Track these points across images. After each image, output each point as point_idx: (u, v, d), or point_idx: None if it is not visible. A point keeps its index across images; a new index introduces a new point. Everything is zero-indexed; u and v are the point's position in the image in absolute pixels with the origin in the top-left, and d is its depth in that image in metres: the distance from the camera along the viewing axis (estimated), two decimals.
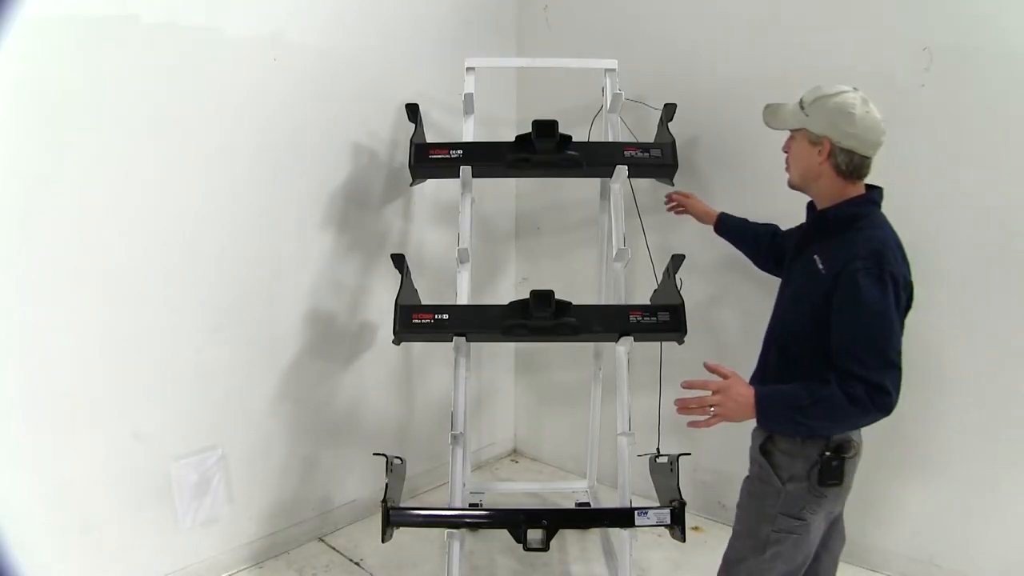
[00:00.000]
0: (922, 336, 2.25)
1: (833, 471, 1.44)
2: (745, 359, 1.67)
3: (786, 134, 1.55)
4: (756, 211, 2.57)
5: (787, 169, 1.55)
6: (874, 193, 1.50)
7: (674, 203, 2.40)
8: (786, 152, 1.54)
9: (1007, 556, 2.19)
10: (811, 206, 1.58)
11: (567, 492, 3.01)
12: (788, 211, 2.47)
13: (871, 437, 2.39)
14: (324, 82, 2.51)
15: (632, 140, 2.52)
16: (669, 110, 2.49)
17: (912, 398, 2.32)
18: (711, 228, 2.29)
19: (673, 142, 2.39)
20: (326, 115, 2.53)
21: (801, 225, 1.67)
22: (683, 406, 1.42)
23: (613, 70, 2.48)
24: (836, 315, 1.37)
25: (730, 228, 2.19)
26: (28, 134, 1.87)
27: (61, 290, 1.96)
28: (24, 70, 1.83)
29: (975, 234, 2.16)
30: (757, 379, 1.60)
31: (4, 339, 1.88)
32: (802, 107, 1.46)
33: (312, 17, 2.45)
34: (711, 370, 1.46)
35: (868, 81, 2.26)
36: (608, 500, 2.68)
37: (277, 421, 2.54)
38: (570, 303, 2.06)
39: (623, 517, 1.99)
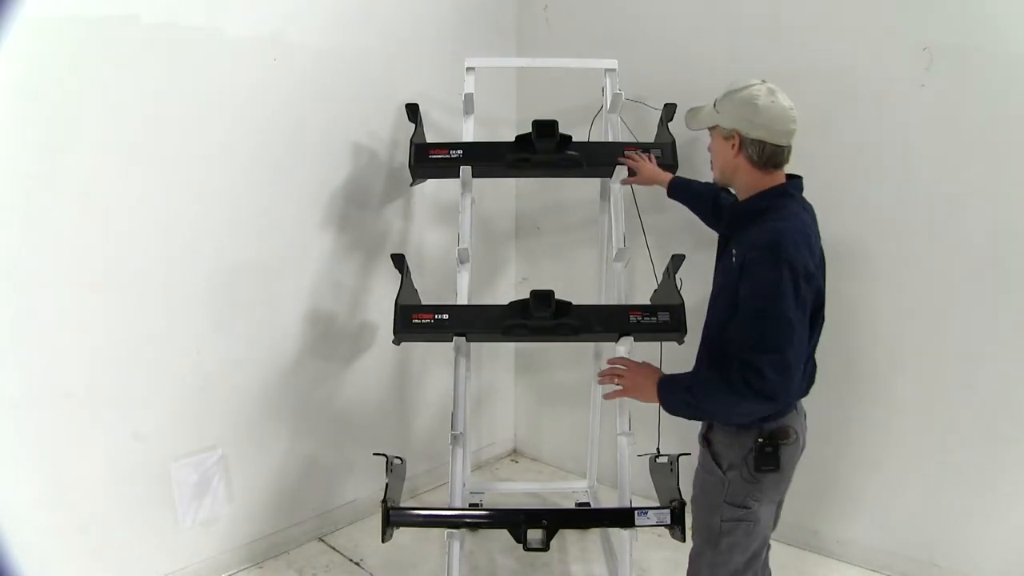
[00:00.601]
0: (916, 336, 2.27)
1: (767, 458, 1.45)
2: None
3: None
4: None
5: (712, 167, 1.60)
6: (789, 184, 1.50)
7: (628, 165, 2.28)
8: (709, 151, 1.60)
9: (1007, 556, 2.19)
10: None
11: (567, 492, 3.01)
12: None
13: (872, 436, 2.41)
14: (324, 82, 2.51)
15: (632, 140, 2.53)
16: (669, 110, 2.49)
17: (912, 398, 2.34)
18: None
19: (673, 142, 2.39)
20: (326, 115, 2.53)
21: None
22: (602, 375, 1.61)
23: (613, 70, 2.48)
24: (740, 305, 1.40)
25: (683, 192, 2.18)
26: (28, 134, 1.87)
27: (61, 290, 1.96)
28: (24, 70, 1.83)
29: (975, 234, 2.16)
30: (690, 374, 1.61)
31: (4, 339, 1.88)
32: (713, 105, 1.52)
33: (312, 17, 2.45)
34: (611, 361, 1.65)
35: (868, 81, 2.29)
36: (608, 500, 2.68)
37: (277, 421, 2.54)
38: (570, 303, 2.06)
39: (623, 517, 1.99)
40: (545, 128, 2.21)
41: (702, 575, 1.59)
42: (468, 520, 2.24)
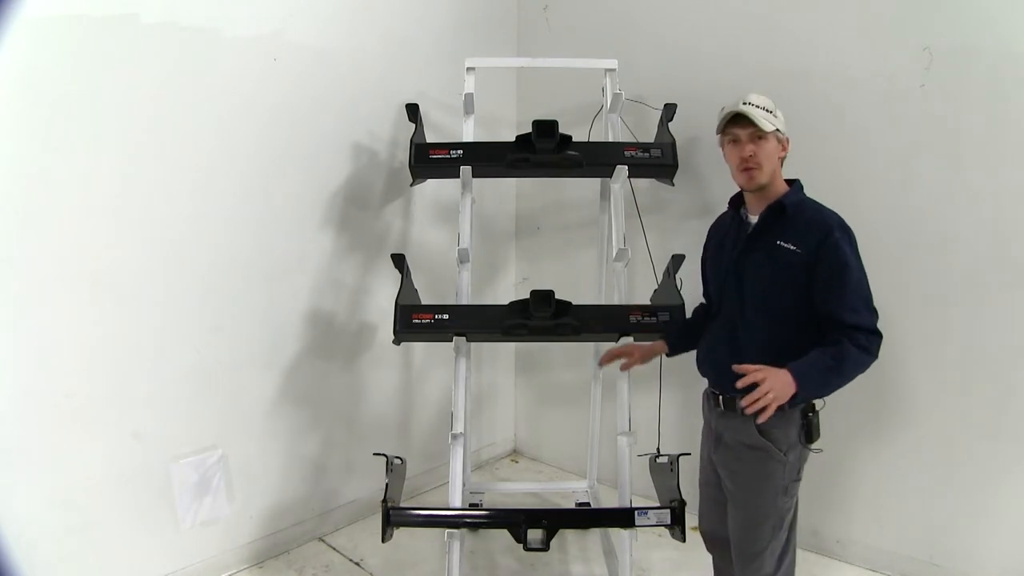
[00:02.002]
0: (917, 335, 2.27)
1: (816, 427, 1.61)
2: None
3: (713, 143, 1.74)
4: None
5: (752, 172, 1.62)
6: (798, 180, 1.70)
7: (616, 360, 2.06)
8: (750, 155, 1.61)
9: (1007, 555, 2.19)
10: (737, 209, 1.74)
11: (567, 492, 3.01)
12: None
13: (871, 436, 2.41)
14: (324, 82, 2.51)
15: (632, 140, 2.53)
16: (669, 110, 2.49)
17: (912, 397, 2.34)
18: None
19: (673, 142, 2.39)
20: (326, 115, 2.53)
21: (719, 231, 1.83)
22: (750, 403, 1.50)
23: (613, 70, 2.48)
24: (824, 282, 1.53)
25: (682, 340, 1.98)
26: (28, 134, 1.87)
27: (61, 290, 1.96)
28: (24, 70, 1.83)
29: (975, 234, 2.16)
30: (731, 360, 1.60)
31: (5, 339, 1.88)
32: (771, 112, 1.63)
33: (312, 17, 2.45)
34: (742, 371, 1.54)
35: (868, 81, 2.29)
36: (608, 500, 2.68)
37: (277, 421, 2.54)
38: (570, 303, 2.06)
39: (623, 517, 1.99)
40: (545, 128, 2.21)
41: (778, 562, 1.66)
42: (468, 520, 2.24)
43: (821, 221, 1.57)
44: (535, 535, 1.97)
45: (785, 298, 1.59)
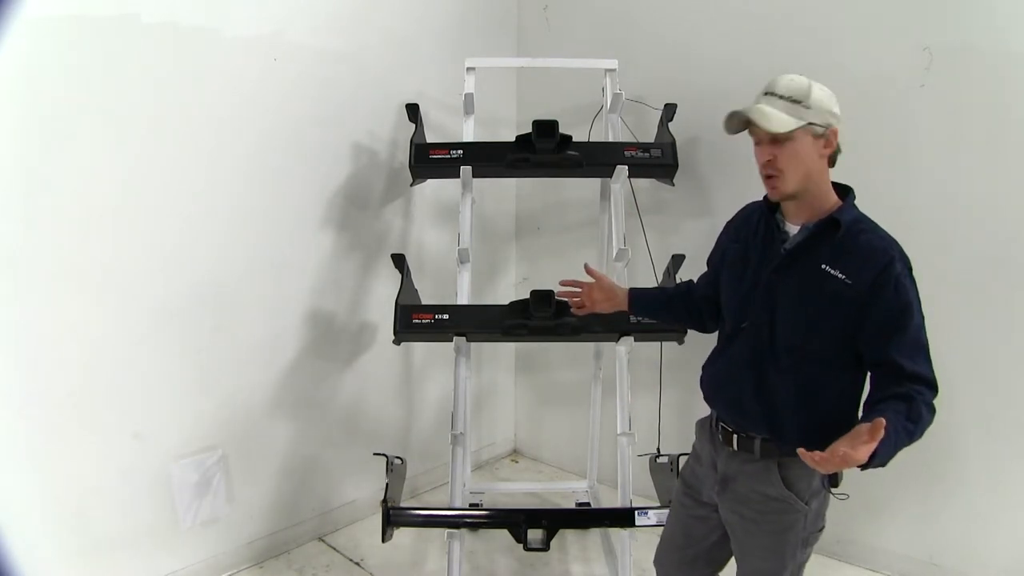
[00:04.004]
0: None
1: (838, 472, 1.39)
2: None
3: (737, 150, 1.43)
4: None
5: (775, 182, 1.33)
6: (849, 189, 1.42)
7: (571, 297, 1.77)
8: (769, 160, 1.32)
9: (1007, 555, 2.19)
10: (772, 214, 1.42)
11: (567, 492, 3.01)
12: None
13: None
14: (324, 82, 2.51)
15: (632, 140, 2.53)
16: (669, 110, 2.49)
17: None
18: (710, 228, 2.29)
19: (673, 142, 2.39)
20: (326, 115, 2.53)
21: (743, 231, 1.51)
22: (816, 458, 1.19)
23: (613, 70, 2.48)
24: (881, 325, 1.27)
25: (648, 309, 1.79)
26: (28, 134, 1.87)
27: (62, 290, 1.96)
28: (24, 70, 1.83)
29: (975, 234, 2.16)
30: (760, 412, 1.38)
31: (5, 339, 1.88)
32: (797, 103, 1.31)
33: (312, 17, 2.44)
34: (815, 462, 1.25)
35: (868, 81, 2.29)
36: (608, 500, 2.68)
37: (277, 421, 2.54)
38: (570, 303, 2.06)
39: (623, 517, 1.99)
40: (545, 128, 2.21)
41: None
42: (468, 520, 2.24)
43: (880, 249, 1.29)
44: (535, 535, 1.97)
45: (827, 336, 1.32)
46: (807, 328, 1.34)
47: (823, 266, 1.31)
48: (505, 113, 3.21)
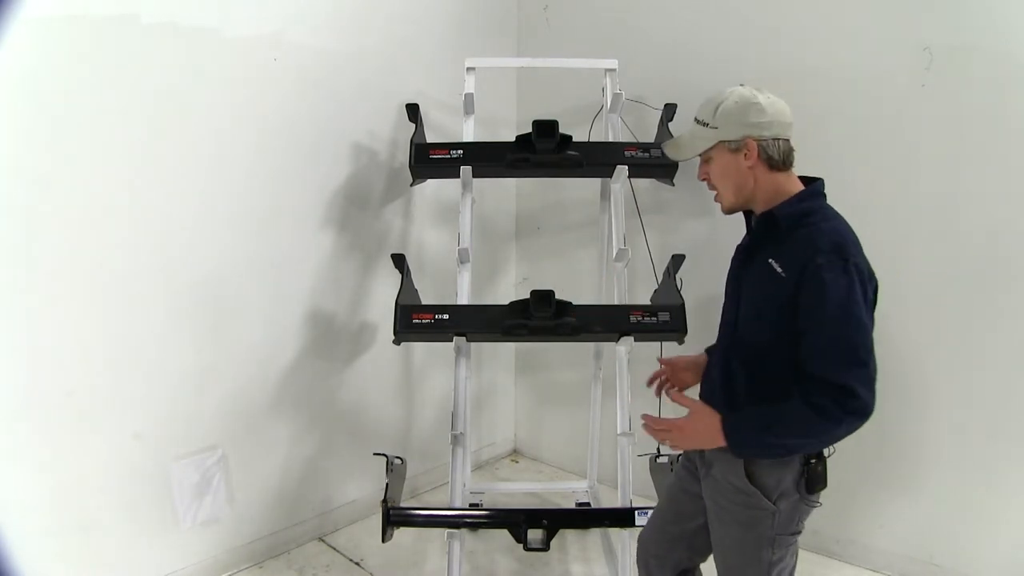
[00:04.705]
0: (917, 335, 2.27)
1: (820, 476, 1.36)
2: None
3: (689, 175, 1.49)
4: None
5: (716, 198, 1.44)
6: (817, 184, 1.40)
7: (660, 382, 1.80)
8: (705, 180, 1.43)
9: (1007, 555, 2.19)
10: (749, 214, 1.47)
11: (567, 492, 3.01)
12: None
13: (871, 435, 2.40)
14: (324, 82, 2.51)
15: (632, 140, 2.53)
16: (669, 110, 2.49)
17: (911, 397, 2.34)
18: (710, 228, 2.29)
19: None
20: (326, 115, 2.53)
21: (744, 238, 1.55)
22: (649, 427, 1.41)
23: (613, 70, 2.48)
24: (803, 319, 1.26)
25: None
26: (28, 135, 1.87)
27: (62, 290, 1.96)
28: (24, 70, 1.83)
29: (975, 233, 2.16)
30: (723, 400, 1.43)
31: (5, 339, 1.88)
32: (705, 124, 1.38)
33: (312, 17, 2.44)
34: (675, 399, 1.44)
35: (868, 81, 2.29)
36: (608, 500, 2.68)
37: (277, 421, 2.54)
38: (570, 303, 2.06)
39: (623, 517, 1.99)
40: (545, 128, 2.21)
41: None
42: (468, 520, 2.24)
43: (810, 241, 1.27)
44: (535, 535, 1.97)
45: (763, 330, 1.35)
46: (756, 320, 1.38)
47: (769, 260, 1.33)
48: (505, 113, 3.21)
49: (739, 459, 1.37)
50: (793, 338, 1.28)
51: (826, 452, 1.38)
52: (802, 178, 1.42)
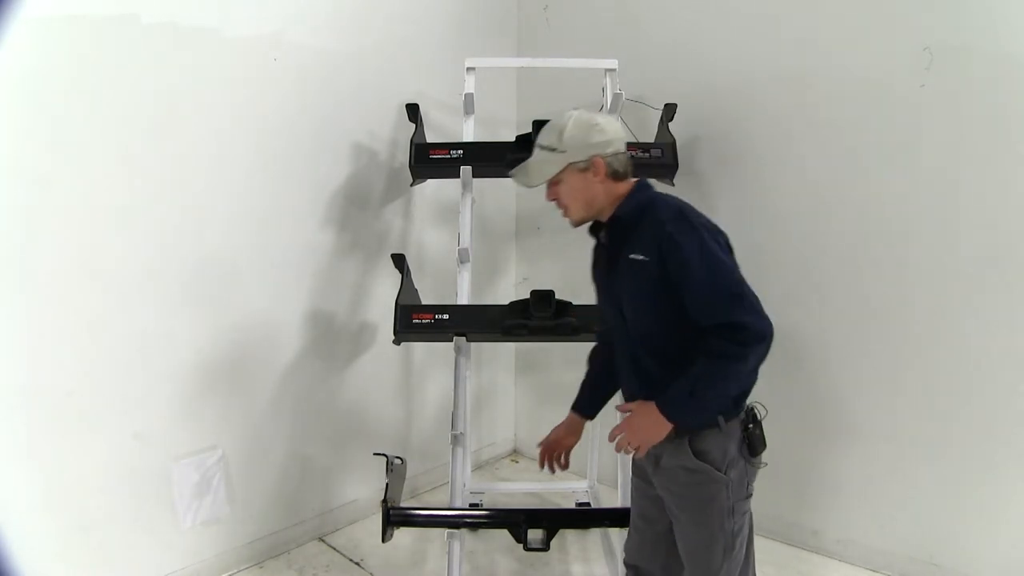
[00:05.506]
0: (924, 333, 2.27)
1: (759, 438, 1.48)
2: None
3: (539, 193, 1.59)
4: (757, 210, 2.57)
5: (565, 214, 1.55)
6: (642, 181, 1.54)
7: (550, 460, 1.98)
8: (554, 200, 1.55)
9: (1007, 555, 2.19)
10: (596, 225, 1.58)
11: (567, 492, 3.01)
12: (789, 208, 2.49)
13: (871, 436, 2.40)
14: (324, 82, 2.51)
15: (632, 140, 2.52)
16: (669, 110, 2.49)
17: (910, 397, 2.34)
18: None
19: (673, 142, 2.39)
20: (326, 115, 2.53)
21: (594, 260, 1.66)
22: (618, 445, 1.49)
23: (613, 70, 2.48)
24: (677, 283, 1.37)
25: (596, 398, 1.97)
26: (28, 134, 1.87)
27: (62, 290, 1.96)
28: (24, 70, 1.83)
29: (975, 233, 2.16)
30: (647, 394, 1.48)
31: (5, 339, 1.88)
32: (553, 149, 1.49)
33: (312, 17, 2.45)
34: (621, 411, 1.53)
35: (868, 81, 2.29)
36: (608, 500, 2.68)
37: (277, 421, 2.54)
38: (570, 303, 2.06)
39: (623, 517, 1.98)
40: None
41: None
42: (468, 520, 2.24)
43: (655, 218, 1.41)
44: (535, 535, 1.97)
45: (649, 316, 1.45)
46: (644, 314, 1.47)
47: (630, 256, 1.44)
48: (505, 113, 3.21)
49: (684, 442, 1.45)
50: (679, 310, 1.39)
51: (759, 415, 1.49)
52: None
